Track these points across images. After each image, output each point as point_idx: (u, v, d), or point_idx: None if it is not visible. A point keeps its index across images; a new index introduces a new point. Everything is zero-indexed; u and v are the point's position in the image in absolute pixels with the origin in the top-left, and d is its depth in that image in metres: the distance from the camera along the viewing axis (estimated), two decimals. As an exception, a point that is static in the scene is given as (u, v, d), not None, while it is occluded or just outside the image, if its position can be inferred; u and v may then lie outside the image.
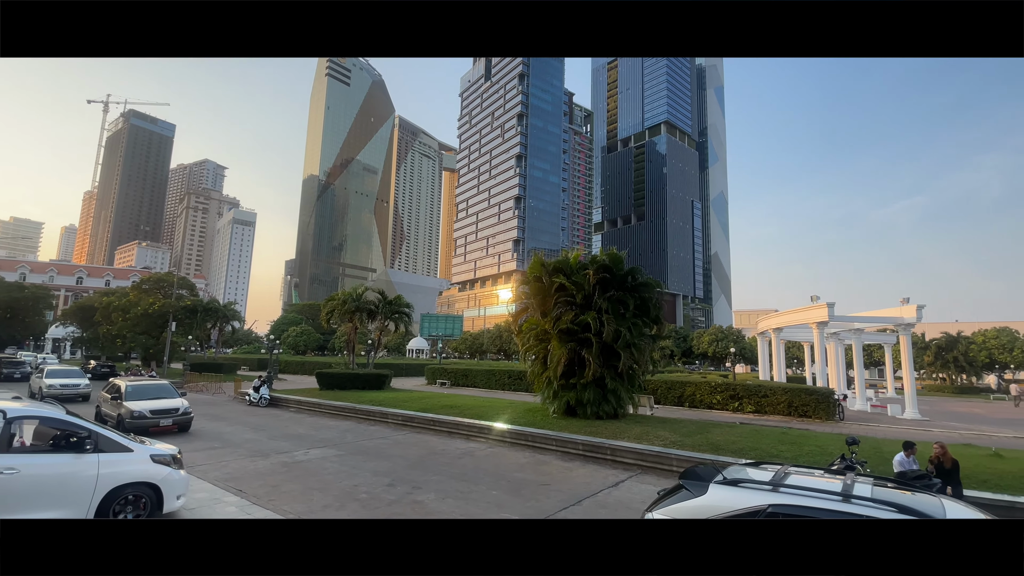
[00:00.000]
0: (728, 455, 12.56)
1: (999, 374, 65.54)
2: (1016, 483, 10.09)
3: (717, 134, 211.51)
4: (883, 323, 32.38)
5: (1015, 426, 24.84)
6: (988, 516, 4.84)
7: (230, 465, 12.24)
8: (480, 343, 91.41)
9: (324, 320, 35.65)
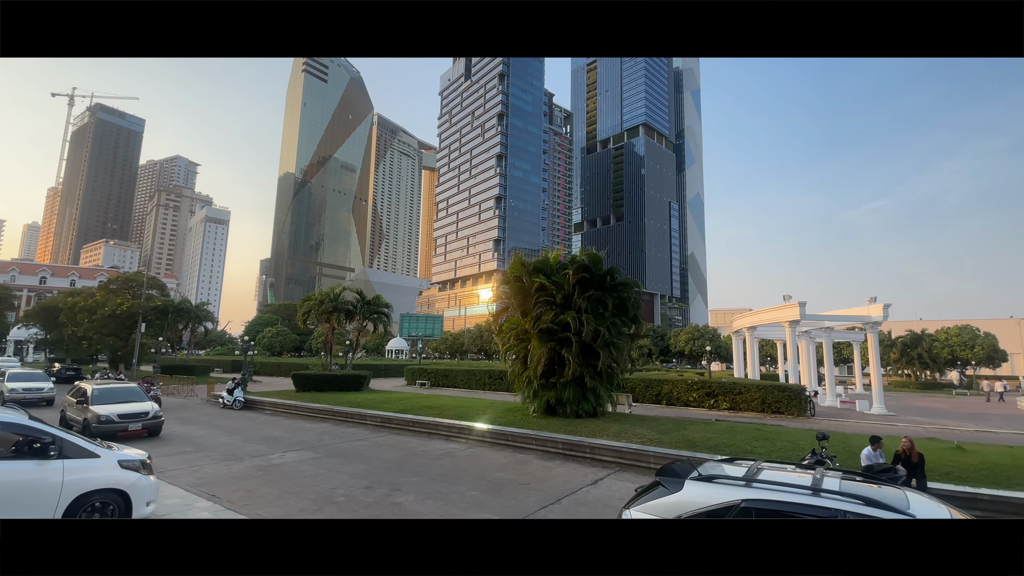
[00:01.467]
0: (704, 451, 12.81)
1: (961, 370, 68.26)
2: (977, 475, 10.52)
3: (694, 136, 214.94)
4: (852, 322, 33.39)
5: (977, 420, 25.92)
6: (950, 508, 5.04)
7: (203, 470, 11.95)
8: (461, 343, 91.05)
9: (301, 321, 34.96)
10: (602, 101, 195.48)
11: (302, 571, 3.68)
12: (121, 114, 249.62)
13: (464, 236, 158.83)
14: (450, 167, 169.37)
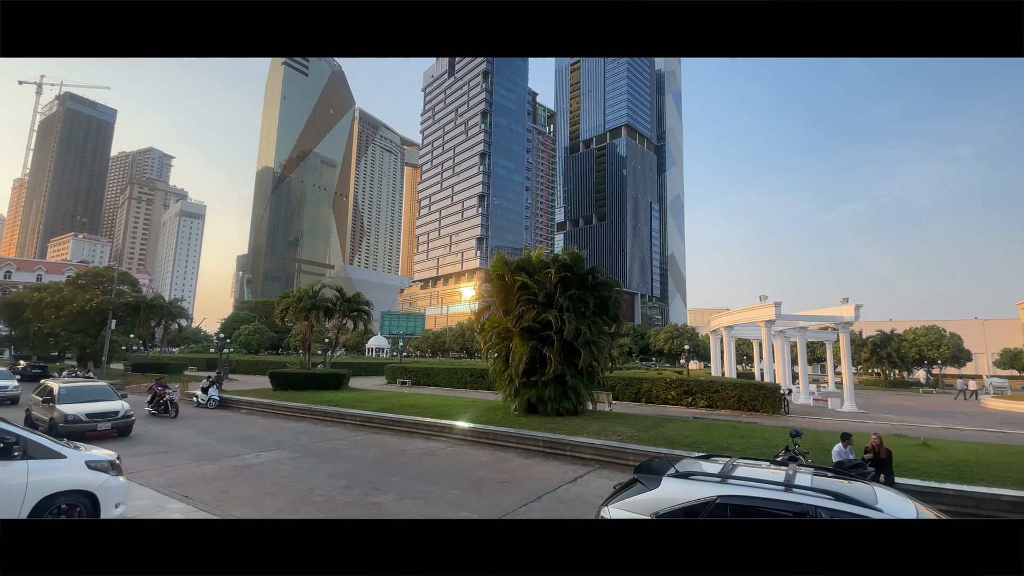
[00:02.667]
0: (681, 448, 13.01)
1: (928, 369, 70.64)
2: (942, 471, 10.90)
3: (674, 138, 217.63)
4: (825, 322, 34.25)
5: (942, 418, 26.86)
6: (916, 503, 5.21)
7: (175, 470, 11.68)
8: (442, 341, 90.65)
9: (278, 318, 34.31)
10: (585, 101, 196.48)
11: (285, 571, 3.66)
12: (92, 104, 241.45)
13: (447, 234, 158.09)
14: (433, 164, 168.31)
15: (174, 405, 20.77)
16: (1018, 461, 11.65)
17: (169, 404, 20.60)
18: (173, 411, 20.59)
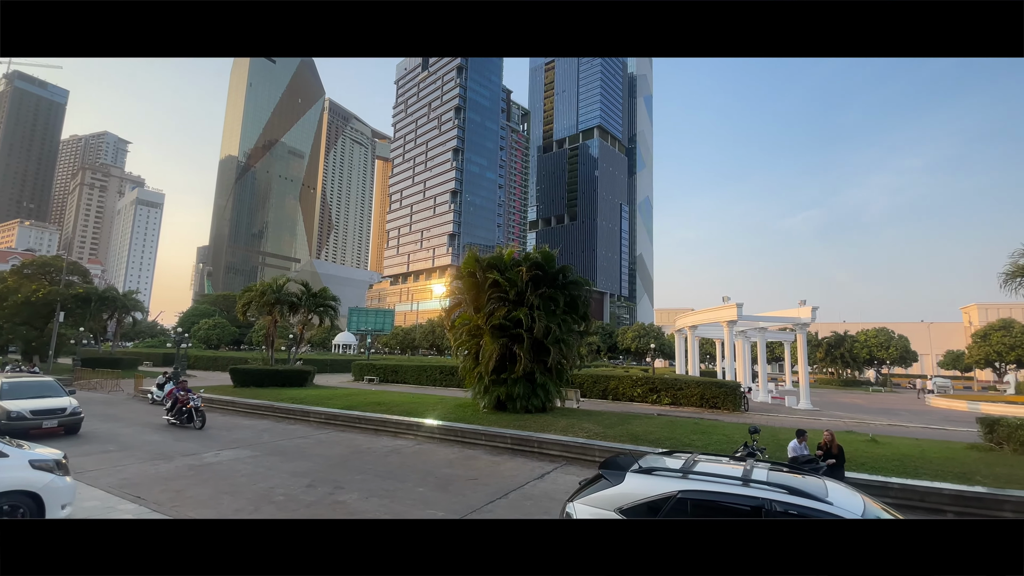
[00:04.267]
0: (646, 445, 13.30)
1: (877, 369, 74.34)
2: (889, 465, 11.50)
3: (645, 141, 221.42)
4: (783, 322, 35.59)
5: (889, 415, 28.32)
6: (863, 496, 5.48)
7: (127, 470, 11.19)
8: (412, 338, 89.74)
9: (240, 312, 33.16)
10: (559, 101, 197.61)
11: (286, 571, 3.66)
12: (42, 83, 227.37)
13: (418, 229, 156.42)
14: (405, 158, 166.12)
15: (200, 414, 17.25)
16: (959, 456, 12.42)
17: (194, 412, 17.13)
18: (199, 420, 17.11)
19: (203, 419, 17.20)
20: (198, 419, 17.05)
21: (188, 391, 17.72)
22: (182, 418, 17.14)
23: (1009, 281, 15.30)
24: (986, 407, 30.82)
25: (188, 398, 17.32)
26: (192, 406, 17.09)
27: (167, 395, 18.03)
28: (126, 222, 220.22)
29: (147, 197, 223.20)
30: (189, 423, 17.05)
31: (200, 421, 17.09)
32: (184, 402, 17.24)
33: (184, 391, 17.65)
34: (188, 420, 17.08)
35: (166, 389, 23.30)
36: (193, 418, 17.05)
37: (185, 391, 17.66)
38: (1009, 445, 13.07)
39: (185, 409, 17.12)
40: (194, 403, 17.16)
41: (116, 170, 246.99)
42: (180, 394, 17.60)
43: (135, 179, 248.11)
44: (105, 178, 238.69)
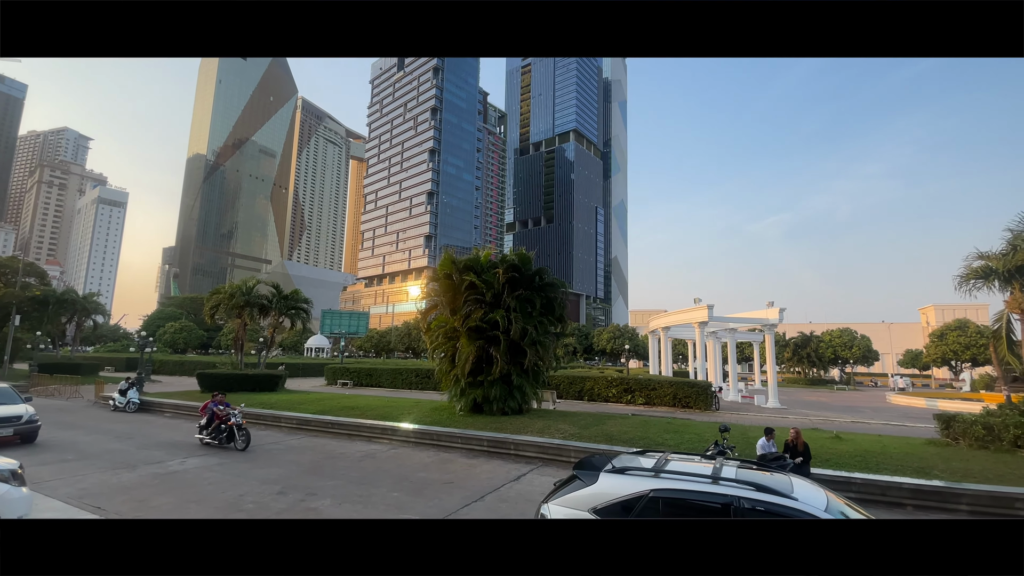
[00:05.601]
0: (620, 444, 13.46)
1: (842, 368, 76.98)
2: (852, 461, 11.92)
3: (620, 146, 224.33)
4: (752, 323, 36.53)
5: (852, 412, 29.36)
6: (827, 492, 5.66)
7: (87, 479, 10.72)
8: (387, 341, 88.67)
9: (208, 315, 32.16)
10: (535, 105, 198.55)
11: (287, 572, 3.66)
12: None
13: (394, 231, 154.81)
14: (380, 158, 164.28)
15: (242, 431, 14.60)
16: (918, 452, 12.94)
17: (235, 430, 14.56)
18: (242, 441, 14.44)
19: (247, 438, 14.58)
20: (240, 438, 14.53)
21: (227, 405, 15.23)
22: (221, 437, 14.65)
23: (963, 283, 16.05)
24: (943, 404, 32.27)
25: (228, 413, 14.79)
26: (233, 423, 14.57)
27: (201, 410, 15.63)
28: (87, 222, 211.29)
29: (109, 196, 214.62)
30: (229, 443, 14.58)
31: (243, 441, 14.51)
32: (224, 418, 14.76)
33: (223, 406, 15.14)
34: (228, 440, 14.58)
35: (129, 395, 22.53)
36: (234, 437, 14.56)
37: (224, 405, 15.15)
38: (965, 440, 13.69)
39: (225, 427, 14.65)
40: (235, 420, 14.60)
41: (76, 167, 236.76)
42: (218, 408, 15.04)
43: (97, 177, 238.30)
44: (65, 176, 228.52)
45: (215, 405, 15.16)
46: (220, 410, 14.95)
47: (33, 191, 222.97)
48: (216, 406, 15.11)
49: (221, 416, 14.82)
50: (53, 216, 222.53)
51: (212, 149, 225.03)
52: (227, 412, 14.80)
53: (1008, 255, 14.72)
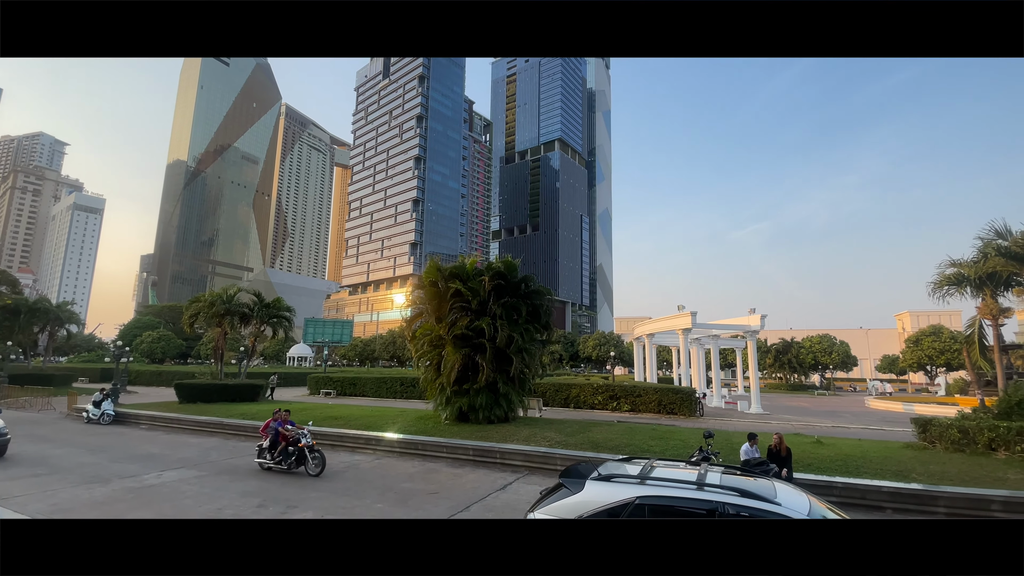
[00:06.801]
0: (606, 452, 13.47)
1: (822, 373, 78.36)
2: (833, 465, 12.09)
3: (604, 155, 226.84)
4: (734, 330, 37.01)
5: (833, 417, 29.83)
6: (809, 496, 5.73)
7: (59, 495, 10.36)
8: (372, 349, 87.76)
9: (187, 324, 31.50)
10: (520, 114, 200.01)
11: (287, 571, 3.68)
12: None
13: (379, 238, 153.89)
14: (365, 166, 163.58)
15: (315, 453, 12.61)
16: (896, 455, 13.18)
17: (307, 452, 12.57)
18: (315, 465, 12.52)
19: (320, 461, 12.59)
20: (313, 462, 12.55)
21: (292, 423, 13.32)
22: (289, 461, 12.62)
23: (936, 290, 16.53)
24: (920, 408, 32.97)
25: (297, 433, 12.82)
26: (304, 444, 12.60)
27: (263, 429, 13.62)
28: (61, 228, 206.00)
29: (85, 202, 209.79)
30: (299, 467, 12.67)
31: (316, 465, 12.53)
32: (292, 439, 12.78)
33: (289, 423, 13.22)
34: (298, 463, 12.63)
35: (104, 407, 21.87)
36: (306, 460, 12.60)
37: (290, 424, 13.21)
38: (941, 443, 13.99)
39: (293, 449, 12.65)
40: (306, 441, 12.66)
41: (52, 173, 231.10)
42: (285, 428, 13.02)
43: (72, 183, 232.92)
44: (39, 181, 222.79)
45: (279, 424, 13.13)
46: (288, 430, 12.94)
47: (6, 197, 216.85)
48: (281, 425, 13.06)
49: (289, 437, 12.85)
50: (27, 223, 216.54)
51: (193, 155, 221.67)
52: (295, 432, 12.88)
53: (979, 263, 15.20)
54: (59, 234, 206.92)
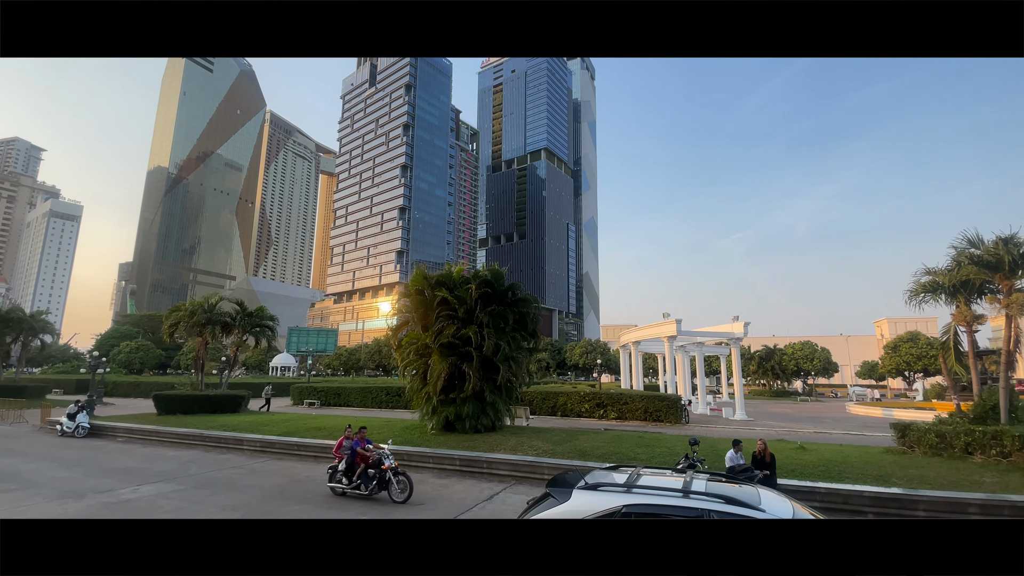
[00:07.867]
0: (593, 460, 13.46)
1: (804, 380, 79.46)
2: (815, 471, 12.24)
3: (590, 164, 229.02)
4: (719, 337, 37.41)
5: (815, 423, 30.24)
6: (793, 501, 5.80)
7: (31, 510, 10.03)
8: (357, 359, 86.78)
9: (167, 334, 30.78)
10: (507, 123, 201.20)
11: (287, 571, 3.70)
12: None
13: (364, 246, 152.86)
14: (351, 173, 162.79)
15: (400, 476, 11.18)
16: (876, 460, 13.40)
17: (392, 476, 11.11)
18: (400, 490, 11.05)
19: (406, 486, 11.07)
20: (398, 486, 11.09)
21: (370, 442, 11.93)
22: (372, 486, 11.17)
23: (913, 297, 16.87)
24: (899, 413, 33.63)
25: (378, 455, 11.33)
26: (388, 467, 11.12)
27: (335, 449, 12.12)
28: (37, 236, 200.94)
29: (62, 209, 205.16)
30: (380, 492, 11.26)
31: (401, 490, 11.06)
32: (371, 461, 11.30)
33: (367, 442, 11.78)
34: (381, 487, 11.19)
35: (78, 419, 21.24)
36: (390, 483, 11.11)
37: (367, 442, 11.78)
38: (919, 448, 14.26)
39: (375, 472, 11.21)
40: (389, 463, 11.17)
41: (27, 179, 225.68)
42: (364, 448, 11.56)
43: (49, 189, 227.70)
44: (14, 187, 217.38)
45: (356, 444, 11.62)
46: (366, 450, 11.53)
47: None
48: (358, 445, 11.60)
49: (368, 458, 11.38)
50: (0, 229, 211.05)
51: (175, 162, 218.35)
52: (375, 453, 11.42)
53: (953, 271, 15.59)
54: (34, 241, 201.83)
